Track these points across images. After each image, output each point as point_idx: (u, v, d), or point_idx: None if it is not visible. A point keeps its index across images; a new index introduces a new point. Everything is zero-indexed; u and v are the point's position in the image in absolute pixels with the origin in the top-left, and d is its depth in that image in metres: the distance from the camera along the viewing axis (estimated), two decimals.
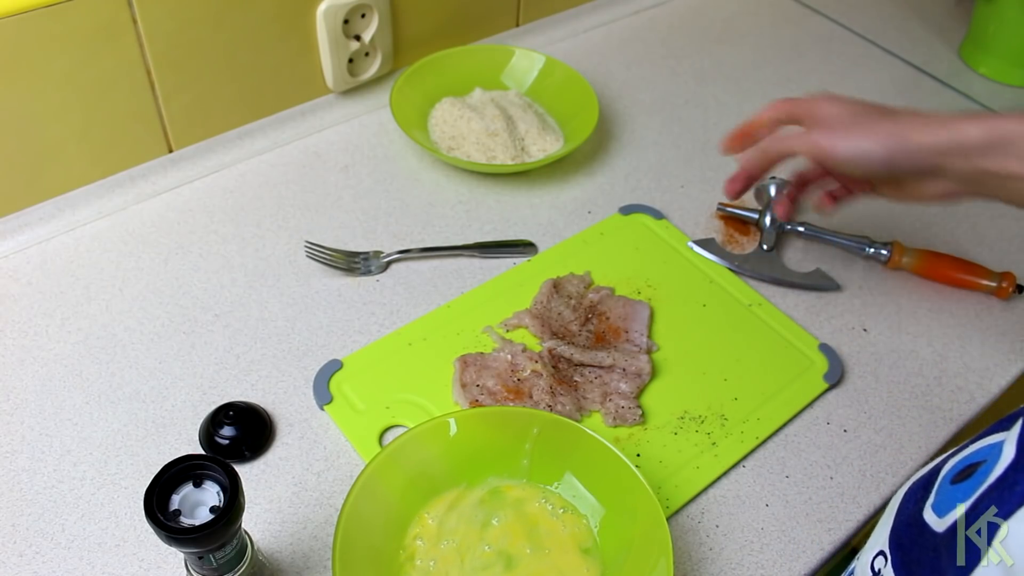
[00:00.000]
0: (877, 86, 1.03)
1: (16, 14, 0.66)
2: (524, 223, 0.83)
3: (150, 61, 0.76)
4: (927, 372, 0.72)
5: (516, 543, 0.57)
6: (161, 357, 0.69)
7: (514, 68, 0.96)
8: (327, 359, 0.69)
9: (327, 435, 0.65)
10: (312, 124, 0.91)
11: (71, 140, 0.76)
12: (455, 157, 0.86)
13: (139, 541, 0.58)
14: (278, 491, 0.61)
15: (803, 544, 0.61)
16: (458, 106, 0.89)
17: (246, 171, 0.86)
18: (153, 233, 0.79)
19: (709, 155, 0.92)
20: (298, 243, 0.78)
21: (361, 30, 0.87)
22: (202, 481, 0.47)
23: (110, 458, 0.62)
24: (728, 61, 1.06)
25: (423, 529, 0.58)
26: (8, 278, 0.74)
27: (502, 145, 0.86)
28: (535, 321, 0.71)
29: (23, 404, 0.65)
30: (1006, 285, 0.77)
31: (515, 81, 0.95)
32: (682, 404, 0.68)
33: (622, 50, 1.06)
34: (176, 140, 0.82)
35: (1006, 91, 1.04)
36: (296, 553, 0.58)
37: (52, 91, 0.72)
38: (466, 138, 0.87)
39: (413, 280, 0.77)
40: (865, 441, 0.67)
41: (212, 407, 0.64)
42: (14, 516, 0.59)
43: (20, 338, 0.70)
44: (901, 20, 1.15)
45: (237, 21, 0.79)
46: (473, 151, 0.86)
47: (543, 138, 0.88)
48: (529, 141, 0.88)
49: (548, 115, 0.92)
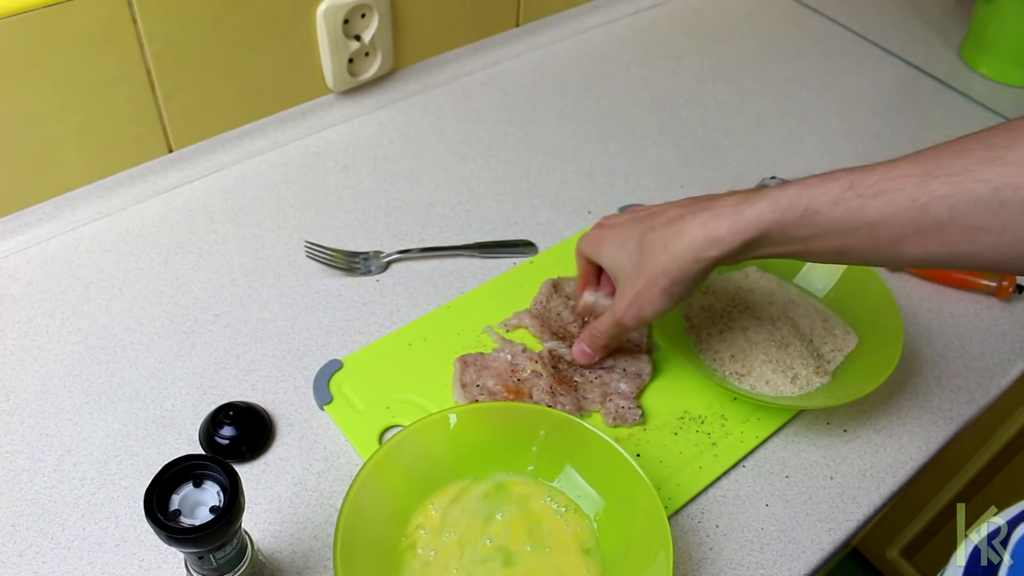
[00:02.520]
0: (877, 86, 1.03)
1: (16, 14, 0.66)
2: (524, 223, 0.83)
3: (150, 61, 0.76)
4: (927, 372, 0.72)
5: (517, 539, 0.57)
6: (161, 357, 0.69)
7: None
8: (327, 359, 0.69)
9: (327, 435, 0.65)
10: (312, 124, 0.91)
11: (71, 140, 0.76)
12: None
13: (139, 541, 0.58)
14: (278, 491, 0.61)
15: (803, 544, 0.61)
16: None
17: (246, 171, 0.86)
18: (153, 233, 0.79)
19: (709, 155, 0.92)
20: (298, 243, 0.78)
21: (361, 30, 0.88)
22: (202, 481, 0.47)
23: (110, 458, 0.63)
24: (728, 61, 1.06)
25: (426, 519, 0.58)
26: (8, 278, 0.74)
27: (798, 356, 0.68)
28: (535, 321, 0.71)
29: (23, 404, 0.65)
30: (1006, 285, 0.77)
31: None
32: (682, 404, 0.68)
33: (622, 50, 1.06)
34: (176, 140, 0.82)
35: (1006, 91, 1.04)
36: (296, 553, 0.58)
37: (52, 91, 0.72)
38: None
39: (413, 280, 0.77)
40: (865, 441, 0.67)
41: (212, 407, 0.64)
42: (14, 516, 0.59)
43: (20, 338, 0.70)
44: (901, 20, 1.15)
45: (237, 21, 0.79)
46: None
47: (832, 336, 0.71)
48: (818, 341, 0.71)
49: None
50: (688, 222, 0.56)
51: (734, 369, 0.67)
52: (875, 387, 0.63)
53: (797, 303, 0.72)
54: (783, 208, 0.52)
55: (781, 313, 0.70)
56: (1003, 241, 0.47)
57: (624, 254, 0.60)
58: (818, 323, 0.71)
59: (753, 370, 0.67)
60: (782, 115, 0.98)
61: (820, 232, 0.52)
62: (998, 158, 0.46)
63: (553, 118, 0.95)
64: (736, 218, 0.54)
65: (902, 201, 0.49)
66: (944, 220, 0.48)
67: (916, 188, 0.48)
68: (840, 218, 0.51)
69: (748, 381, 0.67)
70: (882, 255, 0.52)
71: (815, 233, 0.52)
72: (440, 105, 0.96)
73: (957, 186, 0.47)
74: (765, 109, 0.99)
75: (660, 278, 0.58)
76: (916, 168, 0.49)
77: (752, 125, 0.96)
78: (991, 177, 0.46)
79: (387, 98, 0.95)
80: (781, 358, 0.67)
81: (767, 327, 0.69)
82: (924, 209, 0.48)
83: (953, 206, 0.47)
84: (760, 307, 0.71)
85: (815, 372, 0.67)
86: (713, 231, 0.55)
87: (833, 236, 0.52)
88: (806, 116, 0.98)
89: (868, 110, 1.00)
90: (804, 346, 0.68)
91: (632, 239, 0.60)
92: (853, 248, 0.52)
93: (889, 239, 0.50)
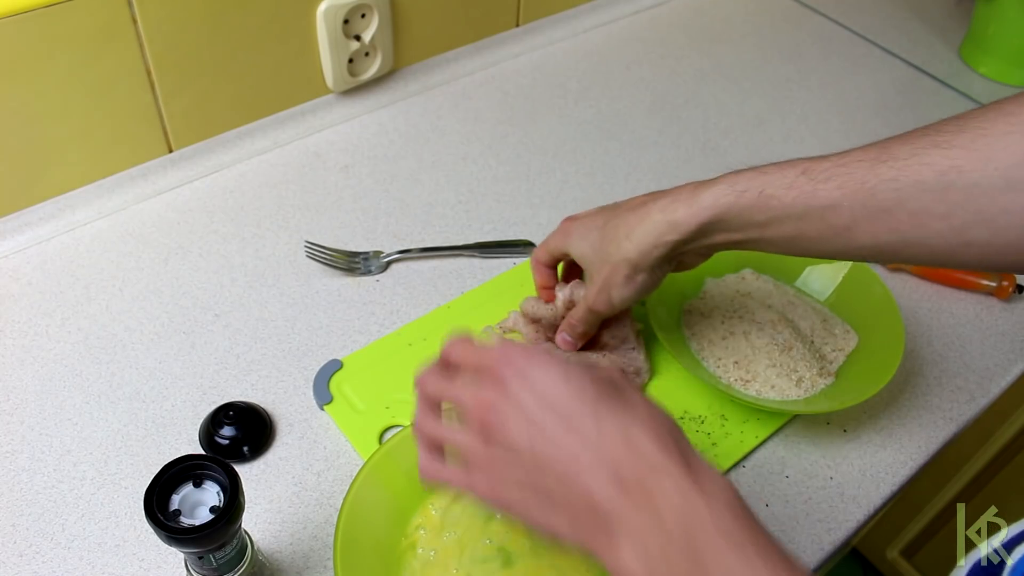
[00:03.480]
0: (877, 86, 1.03)
1: (16, 14, 0.66)
2: (524, 223, 0.83)
3: (150, 61, 0.76)
4: (927, 372, 0.72)
5: (517, 539, 0.57)
6: (161, 357, 0.69)
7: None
8: (327, 359, 0.69)
9: (327, 435, 0.65)
10: (312, 124, 0.91)
11: (71, 140, 0.76)
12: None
13: (139, 541, 0.58)
14: (278, 491, 0.61)
15: (803, 544, 0.61)
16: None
17: (246, 171, 0.86)
18: (153, 233, 0.79)
19: (709, 155, 0.92)
20: (298, 243, 0.78)
21: (361, 30, 0.87)
22: (202, 481, 0.47)
23: (110, 458, 0.63)
24: (728, 61, 1.06)
25: (426, 519, 0.58)
26: (8, 278, 0.74)
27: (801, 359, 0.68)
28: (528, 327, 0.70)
29: (23, 404, 0.65)
30: (1006, 285, 0.77)
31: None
32: (682, 404, 0.68)
33: (622, 50, 1.06)
34: (176, 140, 0.82)
35: (1006, 91, 1.03)
36: (296, 553, 0.58)
37: (52, 91, 0.72)
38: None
39: (413, 280, 0.77)
40: (865, 441, 0.67)
41: (212, 407, 0.64)
42: (14, 516, 0.59)
43: (20, 338, 0.70)
44: (901, 20, 1.15)
45: (237, 21, 0.79)
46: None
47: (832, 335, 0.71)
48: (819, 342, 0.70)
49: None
50: (649, 208, 0.57)
51: (739, 375, 0.67)
52: (878, 389, 0.63)
53: (796, 304, 0.72)
54: (739, 192, 0.53)
55: (781, 315, 0.70)
56: (950, 226, 0.47)
57: (588, 243, 0.62)
58: (818, 324, 0.71)
59: (758, 375, 0.67)
60: (782, 115, 0.98)
61: (775, 217, 0.52)
62: (945, 142, 0.47)
63: (553, 118, 0.95)
64: (692, 201, 0.55)
65: (852, 185, 0.49)
66: (891, 204, 0.48)
67: (866, 172, 0.49)
68: (793, 202, 0.51)
69: (754, 386, 0.66)
70: (834, 243, 0.52)
71: (770, 218, 0.53)
72: (440, 105, 0.96)
73: (904, 170, 0.48)
74: (765, 109, 0.99)
75: (622, 265, 0.59)
76: (867, 154, 0.50)
77: (752, 125, 0.96)
78: (937, 160, 0.47)
79: (387, 98, 0.95)
80: (785, 361, 0.67)
81: (768, 331, 0.69)
82: (872, 193, 0.49)
83: (900, 189, 0.48)
84: (759, 310, 0.71)
85: (819, 374, 0.67)
86: (671, 215, 0.56)
87: (787, 222, 0.52)
88: (806, 116, 0.98)
89: (868, 110, 1.00)
90: (806, 348, 0.68)
91: (596, 228, 0.61)
92: (806, 235, 0.52)
93: (840, 225, 0.50)
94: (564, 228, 0.65)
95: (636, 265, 0.58)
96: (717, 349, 0.69)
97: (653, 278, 0.60)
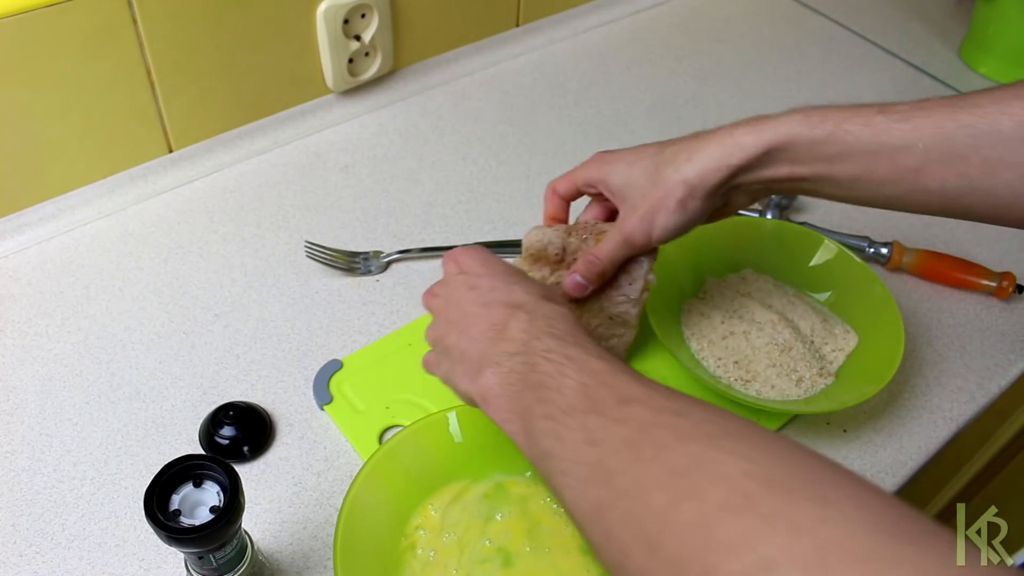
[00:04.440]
0: (877, 86, 1.03)
1: (16, 14, 0.66)
2: (524, 223, 0.83)
3: (150, 61, 0.76)
4: (927, 372, 0.72)
5: (516, 540, 0.57)
6: (161, 357, 0.69)
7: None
8: (327, 359, 0.69)
9: (327, 435, 0.65)
10: (312, 124, 0.91)
11: (71, 140, 0.76)
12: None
13: (139, 541, 0.58)
14: (278, 491, 0.61)
15: None
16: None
17: (246, 171, 0.86)
18: (153, 233, 0.79)
19: None
20: (298, 243, 0.78)
21: (361, 30, 0.88)
22: (202, 481, 0.47)
23: (110, 458, 0.63)
24: (728, 61, 1.06)
25: (425, 519, 0.58)
26: (8, 278, 0.74)
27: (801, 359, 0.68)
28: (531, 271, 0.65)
29: (23, 404, 0.65)
30: (1006, 285, 0.77)
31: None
32: None
33: (622, 50, 1.06)
34: (176, 140, 0.82)
35: None
36: (296, 553, 0.58)
37: (52, 91, 0.72)
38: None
39: (413, 280, 0.77)
40: (865, 441, 0.67)
41: (212, 407, 0.64)
42: (14, 516, 0.59)
43: (20, 338, 0.70)
44: (901, 20, 1.15)
45: (237, 21, 0.79)
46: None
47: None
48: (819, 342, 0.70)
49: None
50: (713, 134, 0.56)
51: (739, 375, 0.67)
52: (878, 389, 0.63)
53: (796, 304, 0.72)
54: (814, 122, 0.53)
55: (781, 315, 0.70)
56: (1020, 176, 0.47)
57: (637, 170, 0.59)
58: (818, 323, 0.71)
59: (758, 375, 0.67)
60: None
61: (845, 152, 0.52)
62: None
63: (553, 118, 0.95)
64: (762, 127, 0.54)
65: (929, 127, 0.49)
66: (966, 150, 0.48)
67: (944, 116, 0.49)
68: (867, 139, 0.51)
69: (753, 386, 0.66)
70: (898, 186, 0.52)
71: (840, 152, 0.52)
72: (440, 105, 0.96)
73: (984, 117, 0.48)
74: (765, 109, 0.98)
75: (678, 187, 0.56)
76: (947, 101, 0.50)
77: None
78: (1018, 111, 0.47)
79: (387, 98, 0.95)
80: (785, 361, 0.67)
81: (768, 331, 0.69)
82: (948, 136, 0.49)
83: (977, 135, 0.48)
84: (759, 310, 0.71)
85: (819, 374, 0.67)
86: (739, 138, 0.55)
87: (856, 158, 0.52)
88: None
89: None
90: (806, 348, 0.68)
91: (646, 156, 0.59)
92: (872, 175, 0.52)
93: (909, 166, 0.50)
94: (600, 158, 0.62)
95: (693, 188, 0.56)
96: (717, 349, 0.69)
97: (703, 208, 0.57)
